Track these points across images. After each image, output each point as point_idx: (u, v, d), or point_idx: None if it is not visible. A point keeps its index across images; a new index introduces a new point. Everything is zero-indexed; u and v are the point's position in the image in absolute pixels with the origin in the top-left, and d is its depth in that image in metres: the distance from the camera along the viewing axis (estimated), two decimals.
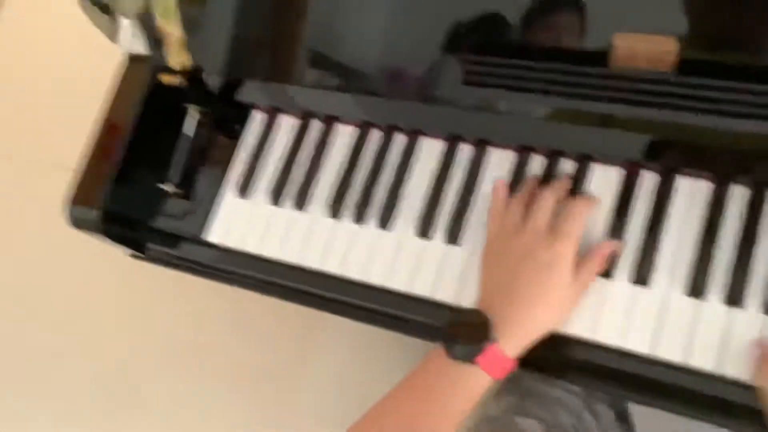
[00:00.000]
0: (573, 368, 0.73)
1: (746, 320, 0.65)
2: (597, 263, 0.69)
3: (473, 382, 0.67)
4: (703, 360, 0.65)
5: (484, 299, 0.70)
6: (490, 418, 0.87)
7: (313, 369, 1.61)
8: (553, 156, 0.76)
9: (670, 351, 0.67)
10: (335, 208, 0.83)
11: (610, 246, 0.70)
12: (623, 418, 0.88)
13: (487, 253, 0.73)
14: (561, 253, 0.68)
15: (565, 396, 0.86)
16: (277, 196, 0.87)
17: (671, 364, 0.67)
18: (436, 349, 0.68)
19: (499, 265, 0.71)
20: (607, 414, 0.88)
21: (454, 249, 0.77)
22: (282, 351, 1.65)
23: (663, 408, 0.68)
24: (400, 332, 0.78)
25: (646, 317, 0.68)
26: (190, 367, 1.74)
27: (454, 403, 0.67)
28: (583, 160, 0.75)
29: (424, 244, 0.78)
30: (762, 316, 0.65)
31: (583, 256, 0.69)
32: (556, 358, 0.73)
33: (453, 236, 0.78)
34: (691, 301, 0.67)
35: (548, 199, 0.72)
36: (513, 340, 0.67)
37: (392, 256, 0.79)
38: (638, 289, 0.69)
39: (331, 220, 0.83)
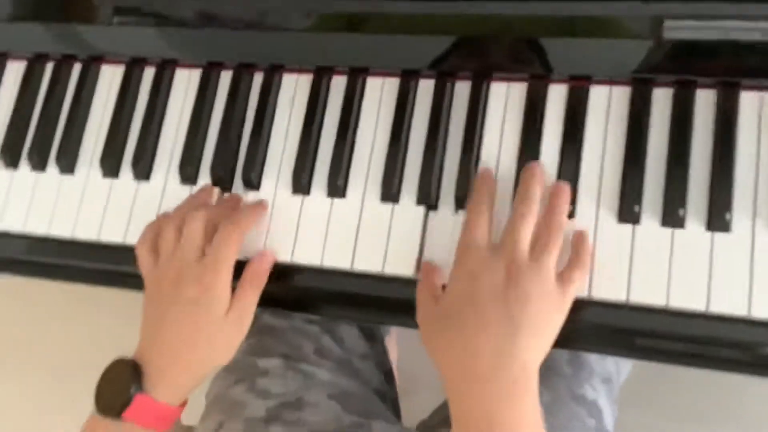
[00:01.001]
0: (301, 297, 0.67)
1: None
2: (251, 286, 0.61)
3: None
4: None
5: (140, 347, 0.61)
6: (229, 366, 0.80)
7: None
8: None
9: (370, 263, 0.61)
10: (8, 157, 0.72)
11: (262, 262, 0.62)
12: (369, 335, 0.84)
13: (148, 289, 0.63)
14: (208, 285, 0.59)
15: (304, 326, 0.80)
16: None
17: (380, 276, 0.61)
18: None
19: (151, 306, 0.62)
20: (351, 334, 0.83)
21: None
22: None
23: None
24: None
25: (346, 231, 0.63)
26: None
27: None
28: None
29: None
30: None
31: (240, 280, 0.62)
32: (282, 290, 0.66)
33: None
34: (388, 207, 0.62)
35: (197, 220, 0.61)
36: (166, 389, 0.59)
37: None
38: (336, 201, 0.63)
39: (8, 172, 0.72)
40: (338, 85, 0.66)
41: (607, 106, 0.60)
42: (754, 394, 1.25)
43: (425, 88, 0.64)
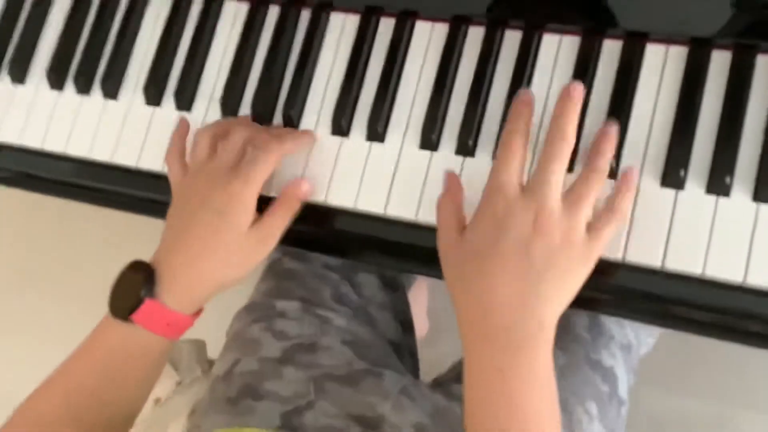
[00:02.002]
0: (331, 239, 0.67)
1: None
2: (282, 208, 0.61)
3: (138, 342, 0.60)
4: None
5: (158, 251, 0.61)
6: (249, 306, 0.82)
7: None
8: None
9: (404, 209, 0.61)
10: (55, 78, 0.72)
11: (297, 186, 0.61)
12: (390, 283, 0.84)
13: (174, 197, 0.63)
14: (236, 195, 0.58)
15: (324, 272, 0.80)
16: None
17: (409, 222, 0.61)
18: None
19: (178, 213, 0.62)
20: (371, 283, 0.83)
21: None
22: None
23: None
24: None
25: (382, 176, 0.62)
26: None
27: (124, 369, 0.60)
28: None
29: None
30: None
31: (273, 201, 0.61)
32: (312, 231, 0.66)
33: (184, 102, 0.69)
34: (426, 155, 0.61)
35: (236, 133, 0.61)
36: (178, 296, 0.59)
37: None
38: (374, 145, 0.63)
39: (54, 93, 0.73)
40: (386, 27, 0.65)
41: (662, 66, 0.58)
42: None
43: (474, 35, 0.63)
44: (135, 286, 0.58)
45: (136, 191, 0.69)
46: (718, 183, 0.54)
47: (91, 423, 0.59)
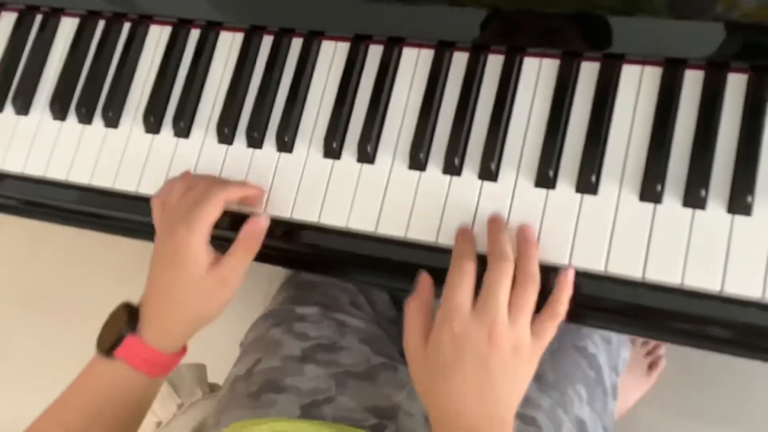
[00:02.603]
0: (325, 258, 0.69)
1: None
2: (240, 249, 0.63)
3: (120, 378, 0.62)
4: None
5: (143, 294, 0.65)
6: (269, 313, 0.84)
7: None
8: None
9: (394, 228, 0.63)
10: (58, 109, 0.75)
11: (255, 225, 0.64)
12: (397, 302, 0.87)
13: (156, 241, 0.66)
14: (182, 243, 0.61)
15: (341, 283, 0.83)
16: None
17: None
18: None
19: (156, 253, 0.65)
20: (383, 299, 0.86)
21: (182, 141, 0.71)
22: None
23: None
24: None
25: (373, 196, 0.64)
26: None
27: (109, 405, 0.62)
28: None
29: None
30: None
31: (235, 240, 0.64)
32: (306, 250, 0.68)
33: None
34: (415, 175, 0.64)
35: (200, 182, 0.64)
36: (156, 333, 0.62)
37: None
38: (365, 166, 0.65)
39: (57, 123, 0.75)
40: (374, 53, 0.68)
41: (638, 86, 0.60)
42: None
43: (459, 60, 0.65)
44: (119, 323, 0.62)
45: (137, 216, 0.71)
46: (694, 196, 0.56)
47: None
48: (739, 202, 0.55)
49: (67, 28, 0.78)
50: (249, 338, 0.83)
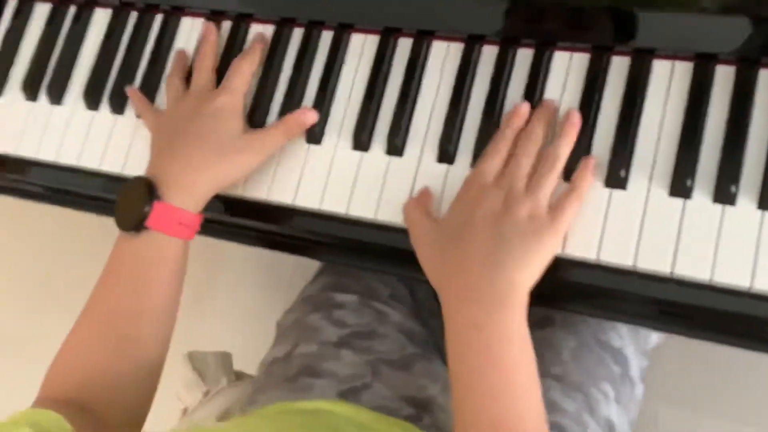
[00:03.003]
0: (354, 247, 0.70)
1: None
2: (281, 126, 0.67)
3: (158, 247, 0.63)
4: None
5: (151, 164, 0.67)
6: (306, 298, 0.85)
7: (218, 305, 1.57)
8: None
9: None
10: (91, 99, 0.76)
11: (302, 114, 0.67)
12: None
13: (155, 130, 0.70)
14: (223, 104, 0.66)
15: (381, 274, 0.84)
16: (32, 90, 0.79)
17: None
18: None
19: (164, 133, 0.68)
20: (427, 292, 0.86)
21: None
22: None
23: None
24: None
25: (401, 188, 0.65)
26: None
27: (151, 276, 0.64)
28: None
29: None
30: None
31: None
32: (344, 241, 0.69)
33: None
34: (443, 167, 0.64)
35: (203, 62, 0.70)
36: (181, 193, 0.63)
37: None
38: (393, 158, 0.66)
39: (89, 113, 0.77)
40: (404, 46, 0.68)
41: (668, 81, 0.60)
42: None
43: (489, 53, 0.65)
44: (141, 196, 0.62)
45: None
46: (724, 192, 0.56)
47: (127, 338, 0.63)
48: None
49: (101, 19, 0.79)
50: (287, 321, 0.84)
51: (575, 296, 0.61)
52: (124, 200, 0.63)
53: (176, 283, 0.65)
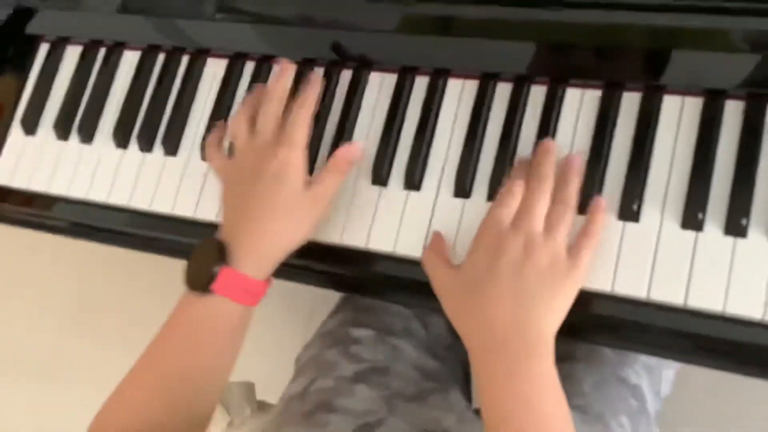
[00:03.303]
0: (371, 281, 0.72)
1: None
2: (334, 169, 0.67)
3: (220, 312, 0.64)
4: None
5: (223, 227, 0.67)
6: (324, 333, 0.87)
7: None
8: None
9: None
10: (120, 138, 0.79)
11: (349, 150, 0.67)
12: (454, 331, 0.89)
13: (225, 181, 0.70)
14: (285, 160, 0.65)
15: (398, 308, 0.85)
16: (64, 130, 0.82)
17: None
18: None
19: (235, 189, 0.67)
20: (440, 326, 0.88)
21: None
22: None
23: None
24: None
25: (419, 222, 0.67)
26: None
27: (210, 340, 0.64)
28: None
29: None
30: None
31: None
32: (363, 276, 0.71)
33: None
34: (459, 202, 0.66)
35: (270, 106, 0.68)
36: (250, 260, 0.63)
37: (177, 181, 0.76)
38: (411, 193, 0.68)
39: (119, 151, 0.80)
40: (420, 84, 0.70)
41: (678, 116, 0.62)
42: None
43: (502, 91, 0.68)
44: (210, 258, 0.63)
45: (193, 239, 0.75)
46: (735, 225, 0.57)
47: (180, 399, 0.63)
48: None
49: (129, 61, 0.82)
50: (305, 357, 0.85)
51: (591, 328, 0.62)
52: (195, 259, 0.64)
53: (233, 348, 0.66)
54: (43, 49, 0.86)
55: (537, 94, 0.66)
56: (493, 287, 0.57)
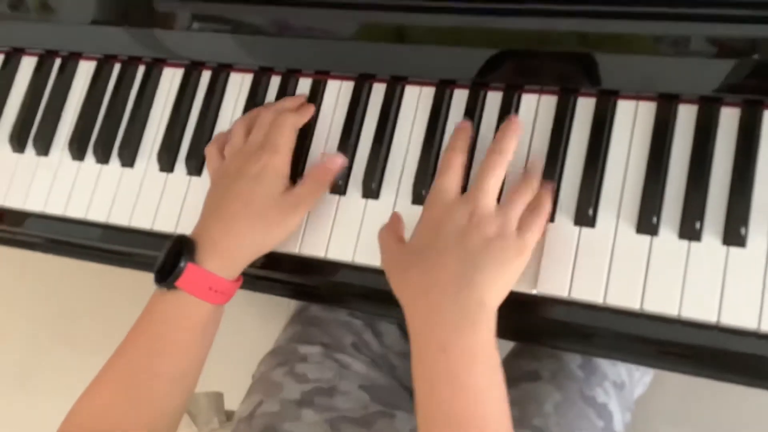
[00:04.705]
0: (332, 290, 0.71)
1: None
2: (313, 179, 0.66)
3: (187, 309, 0.63)
4: None
5: (197, 226, 0.66)
6: (275, 350, 0.86)
7: None
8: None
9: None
10: (76, 150, 0.78)
11: (330, 162, 0.67)
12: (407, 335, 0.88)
13: (211, 182, 0.70)
14: (266, 164, 0.65)
15: (349, 320, 0.84)
16: (19, 142, 0.81)
17: None
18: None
19: (216, 189, 0.68)
20: (392, 332, 0.87)
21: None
22: None
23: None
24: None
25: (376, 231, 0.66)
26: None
27: (177, 338, 0.64)
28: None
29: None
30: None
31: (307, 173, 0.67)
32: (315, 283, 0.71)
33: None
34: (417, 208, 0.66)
35: (267, 115, 0.69)
36: (217, 258, 0.63)
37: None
38: (369, 201, 0.67)
39: (75, 163, 0.78)
40: (378, 91, 0.70)
41: (633, 121, 0.62)
42: None
43: (459, 97, 0.67)
44: (177, 254, 0.62)
45: (153, 251, 0.74)
46: (690, 228, 0.57)
47: (146, 399, 0.62)
48: (734, 234, 0.56)
49: (85, 71, 0.81)
50: (257, 374, 0.84)
51: (549, 332, 0.62)
52: (163, 255, 0.63)
53: (201, 348, 0.65)
54: None
55: (493, 99, 0.66)
56: (438, 254, 0.56)
